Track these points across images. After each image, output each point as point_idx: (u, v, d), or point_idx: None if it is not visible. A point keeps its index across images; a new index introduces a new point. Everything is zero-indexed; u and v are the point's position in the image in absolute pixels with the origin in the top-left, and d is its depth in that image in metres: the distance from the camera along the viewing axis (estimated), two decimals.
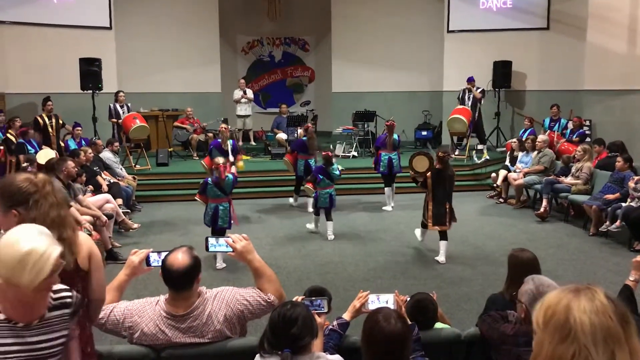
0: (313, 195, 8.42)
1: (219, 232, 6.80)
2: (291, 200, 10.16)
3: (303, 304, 2.64)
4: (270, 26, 16.98)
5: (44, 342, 2.12)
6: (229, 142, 9.52)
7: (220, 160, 7.01)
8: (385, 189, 9.81)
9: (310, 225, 8.38)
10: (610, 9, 12.34)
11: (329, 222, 8.09)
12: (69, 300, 2.22)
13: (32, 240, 1.95)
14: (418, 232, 7.61)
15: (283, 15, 16.18)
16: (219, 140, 9.59)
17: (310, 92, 18.10)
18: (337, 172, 8.29)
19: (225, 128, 9.72)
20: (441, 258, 6.99)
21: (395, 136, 9.79)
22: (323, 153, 8.47)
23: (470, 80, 12.78)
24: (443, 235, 7.04)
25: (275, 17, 16.06)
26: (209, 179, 7.00)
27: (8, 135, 10.00)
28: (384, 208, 9.77)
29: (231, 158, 9.14)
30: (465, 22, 14.27)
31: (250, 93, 14.37)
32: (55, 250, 2.00)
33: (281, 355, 2.36)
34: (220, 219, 6.88)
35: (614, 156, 8.69)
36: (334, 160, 8.45)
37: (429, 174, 7.11)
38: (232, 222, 7.02)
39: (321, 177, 8.15)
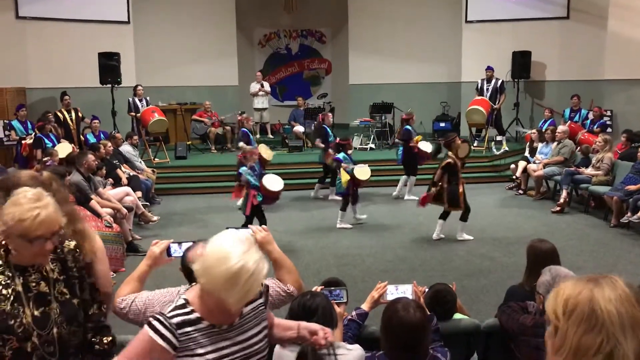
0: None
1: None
2: (312, 193, 10.25)
3: (322, 294, 2.66)
4: (287, 18, 16.94)
5: (253, 337, 2.14)
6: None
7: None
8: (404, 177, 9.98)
9: (342, 225, 8.26)
10: None
11: (355, 205, 8.34)
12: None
13: (243, 255, 1.90)
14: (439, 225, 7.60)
15: (299, 8, 16.10)
16: (245, 129, 10.09)
17: (327, 84, 18.06)
18: (350, 168, 8.27)
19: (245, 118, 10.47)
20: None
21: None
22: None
23: (490, 68, 12.65)
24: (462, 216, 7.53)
25: (292, 10, 15.99)
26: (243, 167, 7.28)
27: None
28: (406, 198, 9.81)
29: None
30: (483, 12, 14.09)
31: (267, 86, 14.40)
32: (264, 266, 1.96)
33: (301, 344, 2.38)
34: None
35: (636, 147, 8.57)
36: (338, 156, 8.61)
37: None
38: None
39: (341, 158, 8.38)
